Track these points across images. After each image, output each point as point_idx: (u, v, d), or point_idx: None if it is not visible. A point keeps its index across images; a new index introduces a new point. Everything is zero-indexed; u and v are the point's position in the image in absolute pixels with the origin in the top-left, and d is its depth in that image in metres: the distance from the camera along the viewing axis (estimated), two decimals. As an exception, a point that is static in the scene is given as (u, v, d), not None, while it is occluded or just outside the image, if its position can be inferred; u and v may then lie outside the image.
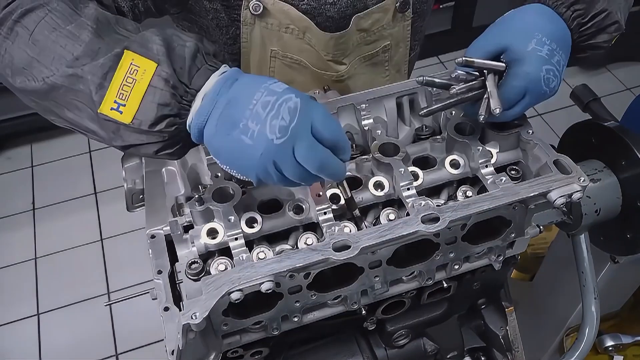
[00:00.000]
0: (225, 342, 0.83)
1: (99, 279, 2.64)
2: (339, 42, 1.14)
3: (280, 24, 1.11)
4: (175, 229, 0.80)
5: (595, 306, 1.19)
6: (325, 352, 1.01)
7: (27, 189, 3.02)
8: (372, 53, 1.22)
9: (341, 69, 1.19)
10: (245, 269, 0.71)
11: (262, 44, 1.15)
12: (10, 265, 2.70)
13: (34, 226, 2.86)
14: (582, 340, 1.18)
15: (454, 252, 0.85)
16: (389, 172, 0.83)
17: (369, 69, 1.25)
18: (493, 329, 1.10)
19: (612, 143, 1.10)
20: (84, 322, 2.48)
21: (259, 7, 1.07)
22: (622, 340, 1.56)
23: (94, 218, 2.89)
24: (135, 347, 2.42)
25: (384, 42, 1.21)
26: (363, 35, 1.17)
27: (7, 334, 2.47)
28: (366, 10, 1.13)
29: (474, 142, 0.85)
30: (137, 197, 0.95)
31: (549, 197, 0.79)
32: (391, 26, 1.19)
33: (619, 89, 3.32)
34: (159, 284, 0.75)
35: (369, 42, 1.19)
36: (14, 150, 3.23)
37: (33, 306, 2.55)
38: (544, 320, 1.64)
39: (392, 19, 1.17)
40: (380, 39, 1.20)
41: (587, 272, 1.19)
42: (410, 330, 1.02)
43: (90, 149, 3.24)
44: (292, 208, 0.81)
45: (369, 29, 1.16)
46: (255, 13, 1.08)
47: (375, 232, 0.74)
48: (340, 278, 0.81)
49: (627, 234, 1.14)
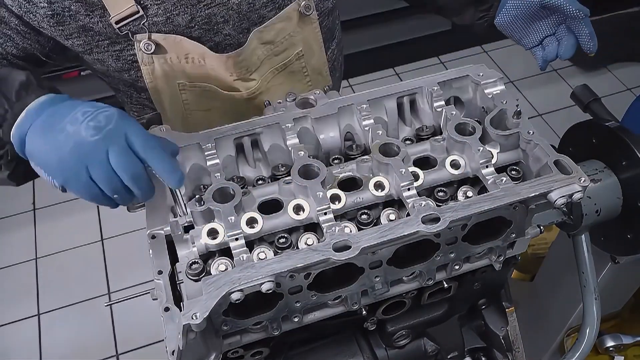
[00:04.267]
0: (226, 343, 0.83)
1: (100, 279, 2.64)
2: (238, 61, 1.11)
3: (178, 56, 1.08)
4: (176, 229, 0.80)
5: (596, 306, 1.19)
6: (325, 353, 1.01)
7: (28, 189, 3.03)
8: (285, 62, 1.18)
9: (251, 86, 1.16)
10: (246, 269, 0.71)
11: (166, 80, 1.12)
12: (11, 266, 2.70)
13: (35, 226, 2.86)
14: (583, 341, 1.18)
15: (454, 252, 0.85)
16: (389, 173, 0.83)
17: (286, 78, 1.22)
18: (493, 329, 1.10)
19: (612, 143, 1.10)
20: (85, 323, 2.49)
21: (151, 46, 1.05)
22: (622, 341, 1.56)
23: (94, 218, 2.89)
24: (136, 348, 2.42)
25: (295, 50, 1.18)
26: (270, 47, 1.14)
27: (7, 334, 2.47)
28: (265, 22, 1.10)
29: (475, 143, 0.85)
30: (138, 197, 0.95)
31: (550, 197, 0.79)
32: (299, 32, 1.16)
33: (619, 89, 3.32)
34: (160, 284, 0.75)
35: (278, 52, 1.16)
36: (14, 151, 3.23)
37: (34, 306, 2.55)
38: (545, 320, 1.64)
39: (297, 25, 1.15)
40: (289, 47, 1.17)
41: (587, 272, 1.18)
42: (410, 330, 1.02)
43: (90, 149, 3.24)
44: (292, 208, 0.81)
45: (274, 40, 1.13)
46: (148, 52, 1.06)
47: (375, 232, 0.74)
48: (341, 278, 0.81)
49: (628, 234, 1.14)
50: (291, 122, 0.90)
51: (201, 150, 0.87)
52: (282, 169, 0.88)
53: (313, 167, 0.83)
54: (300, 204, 0.81)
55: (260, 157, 0.93)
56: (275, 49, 1.15)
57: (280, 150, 0.91)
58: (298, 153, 0.85)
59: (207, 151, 0.86)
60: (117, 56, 1.08)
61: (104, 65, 1.10)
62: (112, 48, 1.07)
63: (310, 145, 0.91)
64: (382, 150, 0.85)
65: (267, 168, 0.92)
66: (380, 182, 0.83)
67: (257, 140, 0.91)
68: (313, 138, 0.92)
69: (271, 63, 1.17)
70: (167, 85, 1.13)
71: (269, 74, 1.18)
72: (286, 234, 0.80)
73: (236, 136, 0.89)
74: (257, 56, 1.13)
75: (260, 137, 0.91)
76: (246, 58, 1.11)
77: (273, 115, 0.91)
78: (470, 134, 0.86)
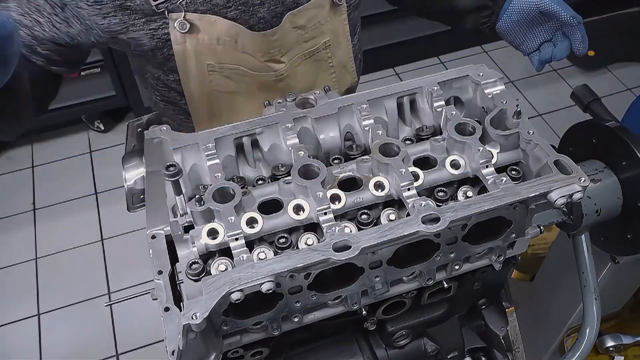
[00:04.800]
0: (226, 343, 0.83)
1: (100, 279, 2.64)
2: (272, 40, 1.14)
3: (211, 37, 1.10)
4: (176, 229, 0.80)
5: (596, 306, 1.19)
6: (325, 353, 1.01)
7: (28, 189, 3.03)
8: (313, 50, 1.21)
9: (280, 67, 1.18)
10: (246, 269, 0.71)
11: (196, 60, 1.14)
12: (11, 266, 2.70)
13: (35, 226, 2.86)
14: (583, 341, 1.18)
15: (454, 252, 0.85)
16: (389, 173, 0.83)
17: (312, 66, 1.25)
18: (493, 329, 1.10)
19: (612, 143, 1.10)
20: (85, 323, 2.49)
21: (185, 25, 1.07)
22: (622, 341, 1.56)
23: (94, 218, 2.89)
24: (136, 348, 2.42)
25: (323, 38, 1.21)
26: (300, 33, 1.17)
27: (7, 334, 2.47)
28: (299, 7, 1.13)
29: (475, 143, 0.85)
30: (138, 197, 0.95)
31: (550, 197, 0.79)
32: (328, 22, 1.19)
33: (619, 89, 3.33)
34: (160, 284, 0.75)
35: (308, 39, 1.19)
36: (14, 151, 3.24)
37: (34, 306, 2.56)
38: (545, 320, 1.64)
39: (328, 14, 1.18)
40: (318, 35, 1.20)
41: (587, 272, 1.18)
42: (410, 330, 1.02)
43: (90, 149, 3.25)
44: (292, 208, 0.81)
45: (305, 25, 1.16)
46: (182, 31, 1.08)
47: (375, 232, 0.74)
48: (341, 278, 0.81)
49: (628, 234, 1.14)
50: (291, 122, 0.90)
51: (201, 150, 0.87)
52: (282, 169, 0.88)
53: (313, 167, 0.83)
54: (300, 204, 0.80)
55: (260, 157, 0.93)
56: (305, 34, 1.18)
57: (280, 150, 0.91)
58: (298, 153, 0.85)
59: (207, 151, 0.86)
60: (152, 35, 1.10)
61: (138, 44, 1.11)
62: (147, 27, 1.09)
63: (310, 145, 0.91)
64: (382, 150, 0.85)
65: (267, 168, 0.92)
66: (380, 182, 0.83)
67: (257, 140, 0.91)
68: (313, 138, 0.92)
69: (300, 48, 1.20)
70: (196, 65, 1.15)
71: (296, 59, 1.21)
72: (286, 234, 0.80)
73: (236, 136, 0.89)
74: (288, 38, 1.16)
75: (260, 137, 0.91)
76: (279, 38, 1.14)
77: (273, 115, 0.91)
78: (470, 134, 0.86)
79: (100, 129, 3.31)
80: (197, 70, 1.16)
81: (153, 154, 0.87)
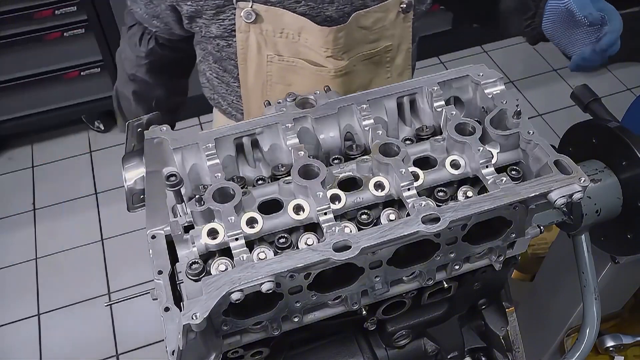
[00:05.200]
0: (226, 343, 0.83)
1: (100, 279, 2.64)
2: (337, 37, 1.14)
3: (275, 29, 1.12)
4: (176, 229, 0.80)
5: (596, 306, 1.19)
6: (325, 353, 1.01)
7: (28, 189, 3.03)
8: (374, 52, 1.22)
9: (339, 65, 1.19)
10: (246, 269, 0.71)
11: (257, 50, 1.16)
12: (11, 266, 2.70)
13: (35, 226, 2.87)
14: (583, 341, 1.18)
15: (454, 252, 0.85)
16: (389, 173, 0.83)
17: (370, 67, 1.25)
18: (493, 329, 1.10)
19: (612, 143, 1.10)
20: (85, 323, 2.49)
21: (251, 15, 1.09)
22: (622, 341, 1.56)
23: (94, 218, 2.89)
24: (136, 348, 2.42)
25: (385, 42, 1.22)
26: (365, 33, 1.17)
27: (7, 334, 2.47)
28: (367, 8, 1.13)
29: (475, 143, 0.85)
30: (138, 197, 0.95)
31: (550, 197, 0.79)
32: (393, 27, 1.20)
33: (619, 89, 3.33)
34: (160, 284, 0.75)
35: (371, 40, 1.20)
36: (14, 151, 3.24)
37: (34, 306, 2.56)
38: (545, 320, 1.64)
39: (393, 20, 1.18)
40: (381, 38, 1.21)
41: (587, 272, 1.18)
42: (410, 330, 1.02)
43: (90, 149, 3.25)
44: (292, 208, 0.81)
45: (370, 27, 1.17)
46: (248, 21, 1.09)
47: (375, 232, 0.74)
48: (341, 278, 0.81)
49: (628, 234, 1.14)
50: (291, 122, 0.90)
51: (201, 150, 0.87)
52: (282, 169, 0.88)
53: (313, 167, 0.83)
54: (300, 204, 0.80)
55: (260, 157, 0.93)
56: (369, 36, 1.19)
57: (280, 150, 0.91)
58: (298, 153, 0.85)
59: (207, 151, 0.86)
60: (219, 23, 1.15)
61: (207, 30, 1.17)
62: (217, 17, 1.14)
63: (310, 145, 0.91)
64: (382, 150, 0.85)
65: (267, 168, 0.92)
66: (380, 182, 0.83)
67: (257, 140, 0.91)
68: (313, 138, 0.92)
69: (361, 48, 1.21)
70: (256, 55, 1.18)
71: (356, 58, 1.21)
72: (286, 234, 0.80)
73: (236, 136, 0.89)
74: (352, 37, 1.17)
75: (260, 137, 0.91)
76: (344, 36, 1.15)
77: (273, 115, 0.91)
78: (470, 134, 0.86)
79: (100, 129, 3.31)
80: (256, 60, 1.19)
81: (153, 154, 0.87)
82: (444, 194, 0.84)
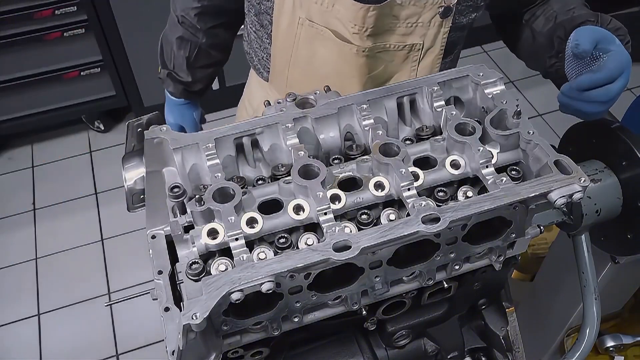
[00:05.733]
0: (226, 343, 0.83)
1: (100, 279, 2.64)
2: (367, 16, 1.15)
3: None
4: (176, 229, 0.80)
5: (596, 306, 1.19)
6: (325, 353, 1.01)
7: (28, 189, 3.03)
8: (400, 45, 1.22)
9: (364, 45, 1.19)
10: (246, 269, 0.71)
11: (292, 10, 1.19)
12: (11, 266, 2.71)
13: (35, 226, 2.87)
14: (583, 341, 1.18)
15: (454, 252, 0.85)
16: (389, 173, 0.83)
17: (395, 61, 1.25)
18: (493, 329, 1.10)
19: (612, 143, 1.10)
20: (85, 323, 2.49)
21: None
22: (622, 341, 1.56)
23: (94, 218, 2.90)
24: (136, 348, 2.43)
25: (414, 40, 1.21)
26: (395, 22, 1.18)
27: (7, 334, 2.47)
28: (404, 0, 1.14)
29: (475, 143, 0.85)
30: (138, 197, 0.96)
31: (550, 197, 0.79)
32: (427, 27, 1.19)
33: (619, 89, 3.32)
34: (160, 284, 0.75)
35: (400, 33, 1.20)
36: (14, 151, 3.24)
37: (33, 306, 2.56)
38: (545, 320, 1.64)
39: (429, 20, 1.18)
40: (411, 34, 1.20)
41: (587, 272, 1.19)
42: (410, 330, 1.02)
43: (90, 149, 3.25)
44: (292, 208, 0.81)
45: (404, 19, 1.17)
46: None
47: (375, 232, 0.74)
48: (341, 278, 0.81)
49: (628, 234, 1.14)
50: (291, 122, 0.90)
51: (201, 150, 0.87)
52: (282, 169, 0.88)
53: (313, 167, 0.83)
54: (300, 204, 0.81)
55: (260, 157, 0.93)
56: (399, 27, 1.19)
57: (280, 150, 0.91)
58: (298, 153, 0.85)
59: (207, 151, 0.86)
60: None
61: None
62: None
63: (310, 145, 0.91)
64: (382, 150, 0.85)
65: (267, 168, 0.92)
66: (380, 182, 0.83)
67: (257, 140, 0.91)
68: (313, 138, 0.92)
69: (389, 38, 1.21)
70: (290, 14, 1.21)
71: (382, 44, 1.21)
72: (286, 234, 0.80)
73: (236, 136, 0.90)
74: (381, 21, 1.17)
75: (260, 137, 0.91)
76: (375, 17, 1.15)
77: (273, 115, 0.91)
78: (470, 134, 0.86)
79: (100, 129, 3.31)
80: (289, 20, 1.22)
81: (153, 154, 0.87)
82: (444, 194, 0.84)
